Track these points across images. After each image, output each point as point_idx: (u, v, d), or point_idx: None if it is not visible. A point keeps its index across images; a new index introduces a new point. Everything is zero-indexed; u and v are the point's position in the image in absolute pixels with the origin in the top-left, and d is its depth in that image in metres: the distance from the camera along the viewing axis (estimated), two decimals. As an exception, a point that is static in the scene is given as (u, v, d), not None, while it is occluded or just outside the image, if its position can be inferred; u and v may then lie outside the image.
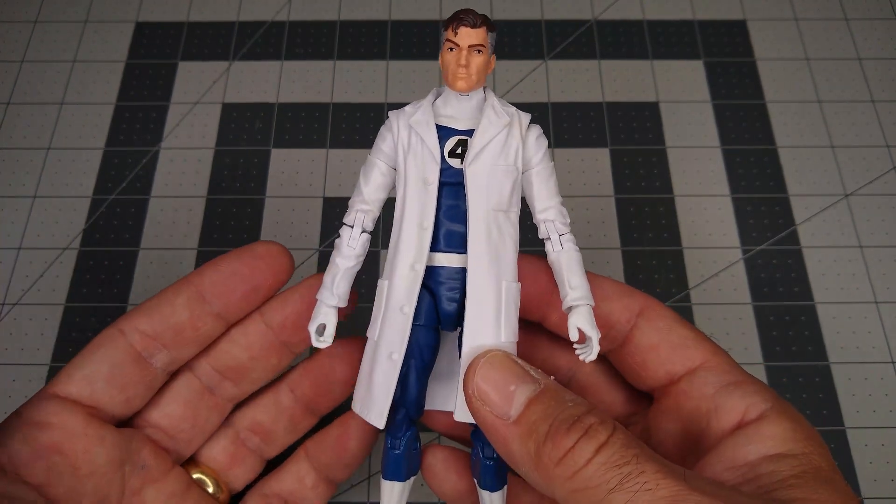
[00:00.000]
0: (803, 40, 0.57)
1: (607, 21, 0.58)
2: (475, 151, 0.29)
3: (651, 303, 0.32)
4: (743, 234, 0.49)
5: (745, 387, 0.29)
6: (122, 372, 0.31)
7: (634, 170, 0.52)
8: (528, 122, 0.30)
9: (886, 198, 0.50)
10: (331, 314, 0.30)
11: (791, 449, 0.26)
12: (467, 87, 0.29)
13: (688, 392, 0.29)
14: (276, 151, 0.52)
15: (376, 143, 0.30)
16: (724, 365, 0.30)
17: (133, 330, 0.31)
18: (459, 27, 0.28)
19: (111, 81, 0.55)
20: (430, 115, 0.29)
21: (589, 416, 0.24)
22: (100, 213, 0.50)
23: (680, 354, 0.30)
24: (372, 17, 0.58)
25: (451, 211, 0.29)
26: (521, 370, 0.27)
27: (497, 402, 0.26)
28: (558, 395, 0.26)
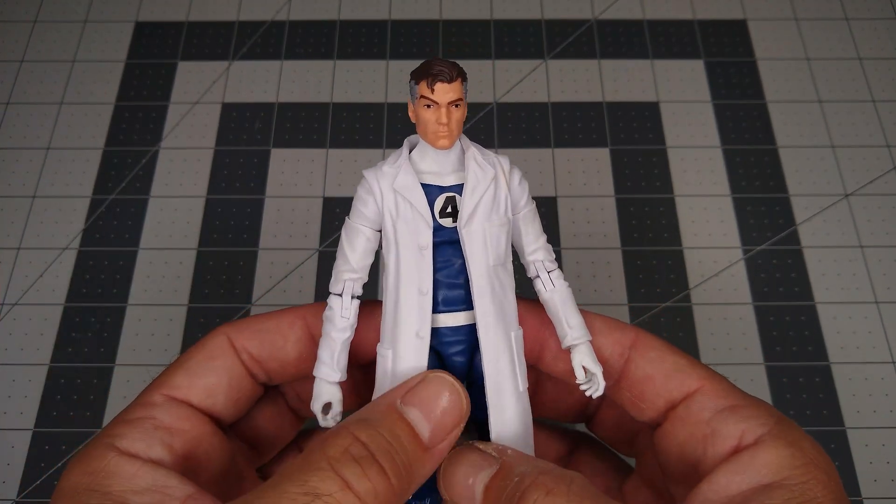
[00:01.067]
0: (804, 40, 0.57)
1: (607, 21, 0.58)
2: (468, 211, 0.28)
3: (642, 335, 0.31)
4: (743, 234, 0.49)
5: (741, 411, 0.28)
6: (238, 387, 0.31)
7: (635, 170, 0.52)
8: (509, 167, 0.30)
9: (887, 198, 0.50)
10: (335, 391, 0.29)
11: (787, 478, 0.25)
12: (450, 144, 0.28)
13: (684, 418, 0.29)
14: (276, 151, 0.52)
15: (357, 207, 0.29)
16: (720, 389, 0.29)
17: (243, 349, 0.31)
18: (436, 83, 0.28)
19: (111, 81, 0.55)
20: (413, 176, 0.28)
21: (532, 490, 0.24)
22: (99, 213, 0.50)
23: (675, 381, 0.30)
24: (372, 16, 0.58)
25: (446, 270, 0.28)
26: (479, 457, 0.27)
27: (464, 497, 0.26)
28: (509, 472, 0.25)
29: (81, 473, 0.26)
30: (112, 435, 0.28)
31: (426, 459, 0.26)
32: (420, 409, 0.26)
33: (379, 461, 0.24)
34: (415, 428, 0.26)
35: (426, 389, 0.27)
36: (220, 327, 0.32)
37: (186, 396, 0.30)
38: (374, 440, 0.25)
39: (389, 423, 0.26)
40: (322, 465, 0.24)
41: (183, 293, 0.47)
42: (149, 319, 0.47)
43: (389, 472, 0.24)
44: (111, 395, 0.44)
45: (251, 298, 0.47)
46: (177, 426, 0.29)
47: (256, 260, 0.48)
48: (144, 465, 0.26)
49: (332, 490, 0.23)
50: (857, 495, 0.42)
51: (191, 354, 0.31)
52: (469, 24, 0.58)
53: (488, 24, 0.58)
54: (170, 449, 0.28)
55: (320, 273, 0.48)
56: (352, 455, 0.24)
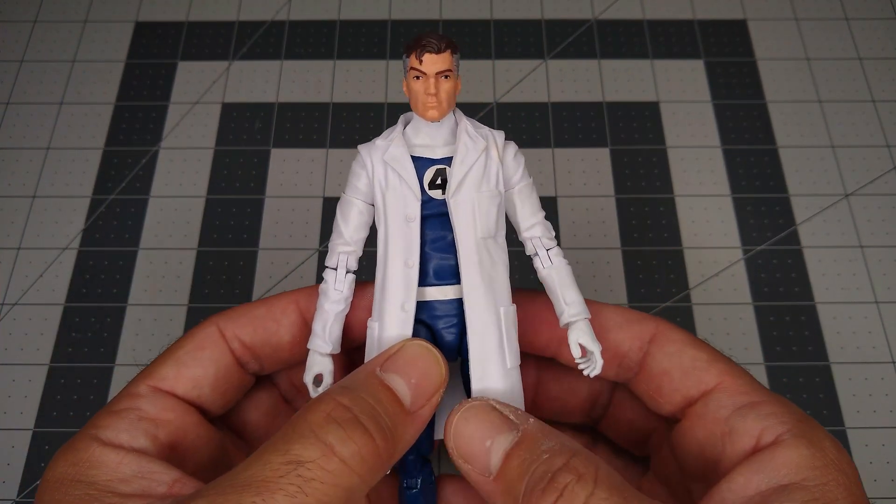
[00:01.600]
0: (804, 40, 0.57)
1: (607, 21, 0.58)
2: (457, 181, 0.28)
3: (663, 327, 0.31)
4: (743, 234, 0.49)
5: (760, 408, 0.27)
6: (226, 378, 0.31)
7: (635, 170, 0.52)
8: (503, 141, 0.30)
9: (887, 198, 0.50)
10: (326, 362, 0.29)
11: (806, 479, 0.25)
12: (439, 115, 0.28)
13: (702, 415, 0.29)
14: (276, 151, 0.52)
15: (350, 181, 0.29)
16: (739, 386, 0.29)
17: (234, 338, 0.31)
18: (423, 54, 0.28)
19: (111, 81, 0.55)
20: (404, 148, 0.29)
21: (564, 474, 0.23)
22: (99, 213, 0.50)
23: (693, 377, 0.29)
24: (372, 16, 0.58)
25: (437, 243, 0.28)
26: (497, 419, 0.26)
27: (476, 459, 0.26)
28: (534, 445, 0.25)
29: (66, 464, 0.26)
30: (96, 426, 0.28)
31: (409, 423, 0.26)
32: (400, 375, 0.26)
33: (363, 423, 0.24)
34: (396, 392, 0.26)
35: (404, 356, 0.27)
36: (211, 317, 0.31)
37: (172, 387, 0.29)
38: (357, 403, 0.25)
39: (371, 388, 0.26)
40: (304, 433, 0.23)
41: (183, 293, 0.47)
42: (149, 319, 0.47)
43: (374, 434, 0.24)
44: (111, 395, 0.44)
45: (251, 298, 0.47)
46: (161, 417, 0.28)
47: (256, 260, 0.48)
48: (129, 454, 0.26)
49: (314, 456, 0.23)
50: None
51: (180, 345, 0.31)
52: (469, 23, 0.57)
53: (488, 24, 0.58)
54: (154, 439, 0.28)
55: (320, 273, 0.48)
56: (334, 419, 0.24)
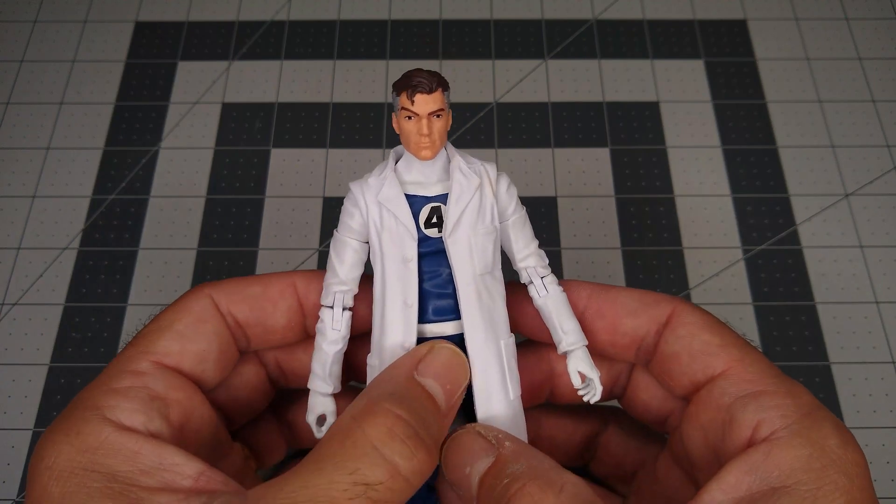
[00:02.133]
0: (804, 40, 0.57)
1: (607, 21, 0.58)
2: (453, 221, 0.28)
3: (679, 309, 0.30)
4: (743, 234, 0.49)
5: (764, 399, 0.26)
6: (226, 353, 0.30)
7: (635, 170, 0.52)
8: (496, 175, 0.29)
9: (887, 197, 0.50)
10: (328, 402, 0.29)
11: (799, 482, 0.24)
12: (432, 154, 0.28)
13: (706, 402, 0.28)
14: (276, 151, 0.52)
15: (343, 220, 0.29)
16: (747, 373, 0.27)
17: (228, 313, 0.30)
18: (415, 94, 0.27)
19: (111, 81, 0.55)
20: (398, 187, 0.29)
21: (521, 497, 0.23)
22: (99, 213, 0.50)
23: (700, 363, 0.28)
24: (372, 16, 0.58)
25: (434, 280, 0.28)
26: (478, 444, 0.26)
27: (461, 485, 0.26)
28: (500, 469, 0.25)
29: (73, 451, 0.24)
30: (104, 406, 0.25)
31: (445, 427, 0.26)
32: (435, 379, 0.26)
33: (422, 438, 0.24)
34: (434, 398, 0.26)
35: (437, 358, 0.27)
36: (201, 287, 0.30)
37: (178, 363, 0.28)
38: (412, 416, 0.24)
39: (418, 397, 0.25)
40: (368, 450, 0.23)
41: (183, 293, 0.47)
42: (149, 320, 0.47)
43: (431, 447, 0.24)
44: (111, 395, 0.44)
45: (251, 298, 0.47)
46: (171, 396, 0.27)
47: (256, 260, 0.48)
48: (148, 442, 0.24)
49: (382, 478, 0.22)
50: (858, 495, 0.42)
51: (174, 318, 0.29)
52: (469, 23, 0.57)
53: (488, 24, 0.58)
54: (168, 421, 0.26)
55: (320, 273, 0.48)
56: (397, 435, 0.23)
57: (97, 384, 0.27)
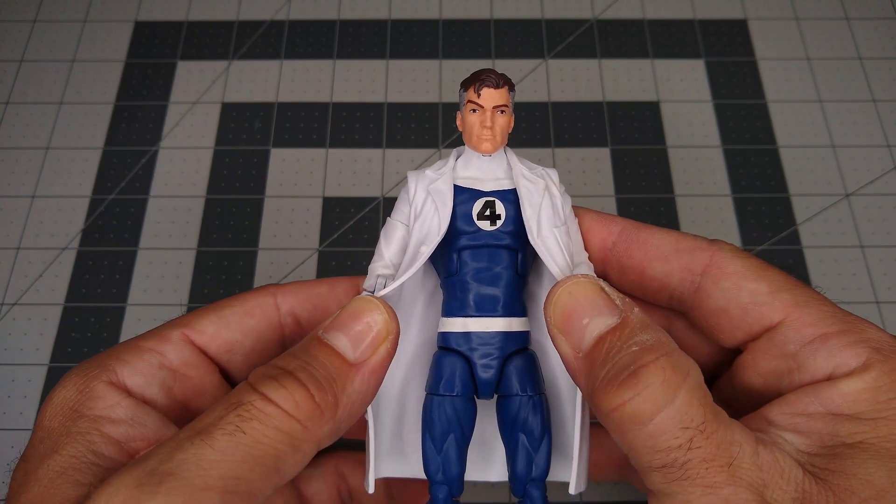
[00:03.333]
0: (804, 40, 0.57)
1: (608, 20, 0.58)
2: (535, 222, 0.28)
3: (717, 257, 0.28)
4: (744, 234, 0.49)
5: (832, 341, 0.25)
6: (263, 351, 0.30)
7: (635, 169, 0.51)
8: (557, 177, 0.30)
9: (887, 197, 0.50)
10: None
11: (862, 412, 0.23)
12: (493, 148, 0.29)
13: (767, 350, 0.27)
14: (276, 151, 0.52)
15: (397, 205, 0.30)
16: (809, 318, 0.26)
17: (289, 312, 0.30)
18: (483, 88, 0.28)
19: (110, 81, 0.55)
20: (450, 184, 0.29)
21: (651, 372, 0.22)
22: (99, 213, 0.50)
23: (754, 314, 0.27)
24: (372, 16, 0.58)
25: (482, 274, 0.28)
26: (601, 300, 0.25)
27: (571, 334, 0.25)
28: (629, 334, 0.24)
29: (74, 389, 0.26)
30: (117, 358, 0.27)
31: (353, 373, 0.26)
32: (340, 331, 0.26)
33: (295, 375, 0.24)
34: (336, 348, 0.26)
35: (345, 312, 0.26)
36: (268, 287, 0.31)
37: (205, 344, 0.29)
38: (289, 363, 0.25)
39: (308, 349, 0.26)
40: (244, 386, 0.24)
41: (183, 293, 0.47)
42: (148, 319, 0.47)
43: (307, 383, 0.24)
44: (111, 396, 0.44)
45: (251, 298, 0.47)
46: (183, 371, 0.28)
47: (256, 260, 0.48)
48: (128, 398, 0.26)
49: (251, 399, 0.23)
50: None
51: (229, 303, 0.30)
52: (469, 23, 0.57)
53: (488, 24, 0.57)
54: (167, 392, 0.27)
55: (320, 273, 0.48)
56: (268, 375, 0.24)
57: (132, 339, 0.29)
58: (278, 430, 0.23)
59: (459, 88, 0.29)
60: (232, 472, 0.21)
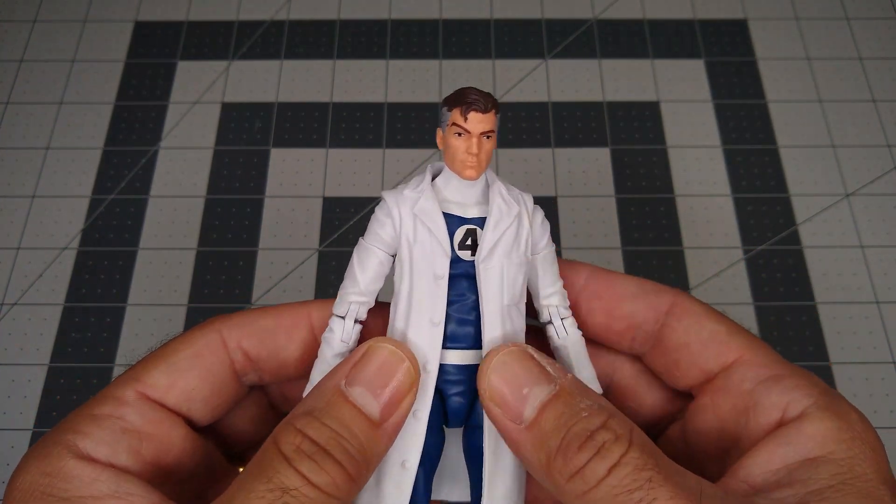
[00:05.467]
0: (804, 40, 0.57)
1: (608, 20, 0.58)
2: (489, 246, 0.27)
3: (681, 299, 0.29)
4: (744, 234, 0.49)
5: (785, 381, 0.26)
6: (221, 391, 0.29)
7: (635, 169, 0.51)
8: (532, 206, 0.28)
9: (887, 197, 0.50)
10: None
11: (832, 452, 0.24)
12: (477, 175, 0.27)
13: (725, 389, 0.27)
14: (276, 151, 0.52)
15: (373, 229, 0.28)
16: (762, 358, 0.27)
17: (237, 348, 0.29)
18: (470, 111, 0.26)
19: (110, 81, 0.55)
20: (435, 202, 0.27)
21: (603, 432, 0.23)
22: (99, 213, 0.50)
23: (713, 351, 0.28)
24: (372, 16, 0.58)
25: (459, 305, 0.27)
26: (536, 369, 0.25)
27: (510, 405, 0.25)
28: (573, 401, 0.24)
29: (38, 473, 0.25)
30: (74, 431, 0.26)
31: (379, 438, 0.25)
32: (365, 387, 0.25)
33: (332, 454, 0.23)
34: (362, 409, 0.25)
35: (370, 364, 0.25)
36: (213, 321, 0.29)
37: (162, 397, 0.28)
38: (321, 435, 0.24)
39: (335, 411, 0.24)
40: (281, 462, 0.23)
41: (183, 293, 0.47)
42: (148, 319, 0.47)
43: (344, 462, 0.23)
44: (111, 396, 0.44)
45: (251, 298, 0.47)
46: (147, 430, 0.27)
47: (256, 260, 0.48)
48: (105, 470, 0.25)
49: (297, 484, 0.23)
50: None
51: (176, 348, 0.29)
52: (469, 23, 0.57)
53: (488, 24, 0.57)
54: (137, 455, 0.26)
55: (320, 273, 0.48)
56: (304, 452, 0.23)
57: (84, 407, 0.27)
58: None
59: (442, 105, 0.27)
60: None
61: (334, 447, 0.24)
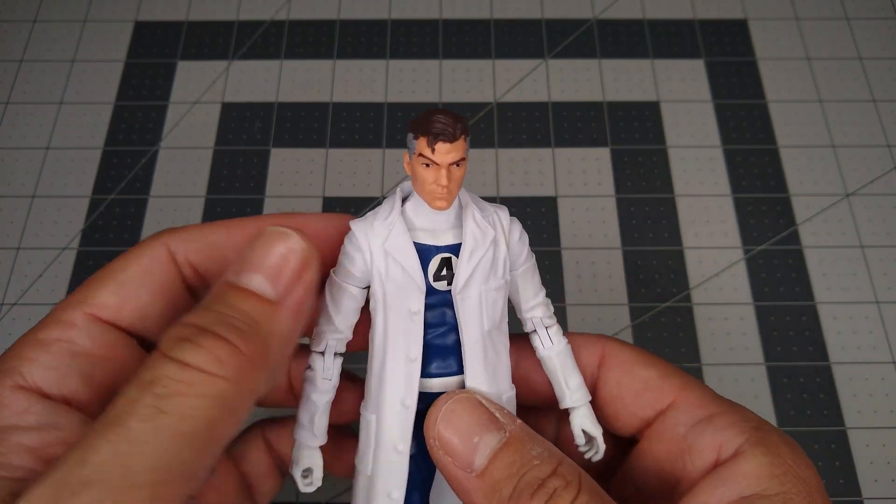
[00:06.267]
0: (804, 39, 0.57)
1: (608, 20, 0.58)
2: (465, 277, 0.26)
3: (609, 348, 0.30)
4: (744, 234, 0.49)
5: (717, 421, 0.27)
6: (175, 308, 0.27)
7: (635, 169, 0.51)
8: (508, 223, 0.28)
9: (887, 197, 0.50)
10: (315, 456, 0.28)
11: (766, 489, 0.24)
12: (448, 205, 0.26)
13: (660, 434, 0.28)
14: (276, 151, 0.52)
15: (343, 264, 0.27)
16: (694, 400, 0.28)
17: (186, 262, 0.27)
18: (437, 143, 0.25)
19: (110, 81, 0.55)
20: (406, 235, 0.26)
21: (554, 479, 0.23)
22: (99, 213, 0.50)
23: (646, 398, 0.28)
24: (372, 15, 0.58)
25: (438, 332, 0.27)
26: (486, 416, 0.25)
27: (460, 453, 0.25)
28: (524, 449, 0.24)
29: None
30: (21, 358, 0.24)
31: (278, 313, 0.23)
32: (252, 270, 0.23)
33: (212, 330, 0.21)
34: (255, 291, 0.23)
35: (255, 249, 0.24)
36: (159, 235, 0.27)
37: (114, 318, 0.25)
38: (204, 318, 0.22)
39: (222, 297, 0.23)
40: (155, 357, 0.21)
41: (182, 293, 0.47)
42: (148, 319, 0.47)
43: (228, 336, 0.21)
44: (111, 396, 0.44)
45: (251, 298, 0.47)
46: (100, 353, 0.25)
47: (256, 260, 0.48)
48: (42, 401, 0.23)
49: (167, 372, 0.20)
50: (858, 496, 0.41)
51: (123, 265, 0.26)
52: (469, 23, 0.57)
53: (488, 24, 0.57)
54: (89, 381, 0.24)
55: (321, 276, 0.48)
56: (183, 338, 0.21)
57: (29, 332, 0.25)
58: (205, 396, 0.20)
59: (408, 131, 0.26)
60: (159, 461, 0.19)
61: (216, 324, 0.22)
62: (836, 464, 0.42)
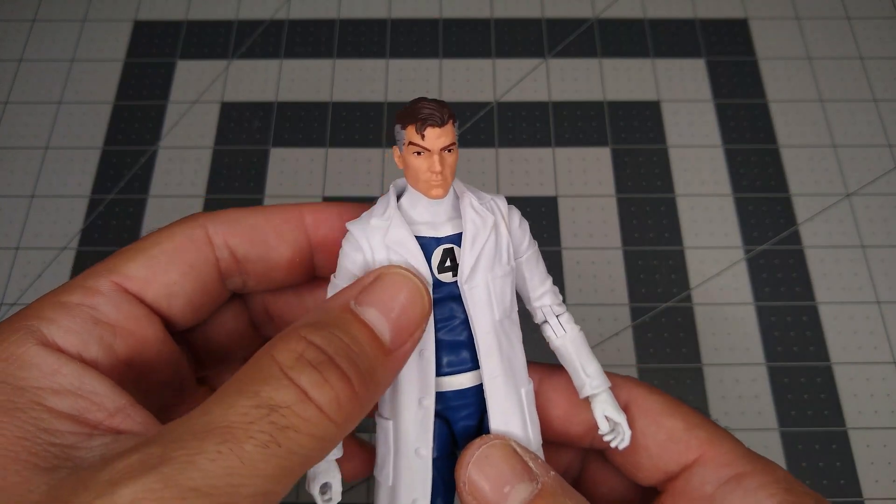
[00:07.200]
0: (805, 39, 0.57)
1: (608, 19, 0.58)
2: (469, 266, 0.26)
3: (634, 394, 0.28)
4: (744, 234, 0.49)
5: (747, 481, 0.25)
6: (204, 291, 0.26)
7: (635, 169, 0.51)
8: (507, 209, 0.27)
9: (888, 197, 0.50)
10: (332, 469, 0.26)
11: None
12: (445, 192, 0.25)
13: (685, 492, 0.27)
14: (276, 150, 0.52)
15: (343, 265, 0.26)
16: (722, 456, 0.26)
17: (224, 245, 0.26)
18: (426, 128, 0.24)
19: (109, 80, 0.55)
20: (406, 228, 0.26)
21: None
22: (98, 213, 0.50)
23: (672, 451, 0.27)
24: (372, 15, 0.58)
25: (448, 327, 0.26)
26: (519, 465, 0.24)
27: (489, 501, 0.24)
28: (555, 502, 0.24)
29: None
30: (39, 317, 0.22)
31: (388, 364, 0.23)
32: (377, 309, 0.23)
33: (339, 365, 0.21)
34: (374, 329, 0.22)
35: (383, 287, 0.23)
36: (197, 216, 0.27)
37: (140, 291, 0.25)
38: (330, 343, 0.21)
39: (346, 325, 0.22)
40: (275, 374, 0.20)
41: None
42: (148, 320, 0.46)
43: (352, 378, 0.21)
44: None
45: (251, 298, 0.47)
46: (122, 325, 0.24)
47: (256, 260, 0.48)
48: (71, 363, 0.22)
49: (289, 401, 0.20)
50: (859, 496, 0.41)
51: (156, 240, 0.26)
52: (469, 22, 0.57)
53: (488, 23, 0.57)
54: (109, 350, 0.23)
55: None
56: (307, 361, 0.20)
57: (50, 294, 0.24)
58: (315, 437, 0.20)
59: (395, 123, 0.26)
60: (262, 489, 0.19)
61: (343, 358, 0.21)
62: (836, 464, 0.42)
